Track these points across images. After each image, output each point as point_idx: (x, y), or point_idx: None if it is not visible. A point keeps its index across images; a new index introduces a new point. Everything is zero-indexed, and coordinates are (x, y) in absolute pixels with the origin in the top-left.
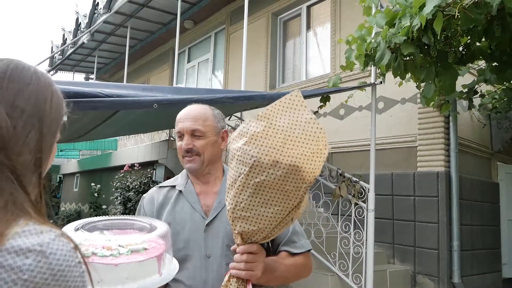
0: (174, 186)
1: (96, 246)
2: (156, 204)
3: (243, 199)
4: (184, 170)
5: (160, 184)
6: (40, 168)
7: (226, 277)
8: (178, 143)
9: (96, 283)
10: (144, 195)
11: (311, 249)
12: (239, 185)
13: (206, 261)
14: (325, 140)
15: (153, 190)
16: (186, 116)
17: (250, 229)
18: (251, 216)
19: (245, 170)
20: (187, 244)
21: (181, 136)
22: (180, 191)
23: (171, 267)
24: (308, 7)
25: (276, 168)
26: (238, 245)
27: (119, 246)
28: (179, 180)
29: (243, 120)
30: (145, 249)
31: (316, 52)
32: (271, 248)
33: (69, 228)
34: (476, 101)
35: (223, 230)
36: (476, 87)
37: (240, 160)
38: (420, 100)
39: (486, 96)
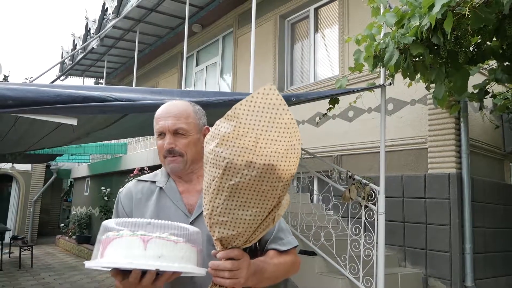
0: (154, 182)
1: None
2: (134, 199)
3: (219, 203)
4: (164, 167)
5: (139, 178)
6: None
7: (209, 286)
8: (159, 142)
9: (157, 258)
10: (121, 189)
11: (297, 245)
12: (214, 189)
13: None
14: (298, 135)
15: (131, 184)
16: (168, 114)
17: (229, 234)
18: (229, 221)
19: (218, 173)
20: None
21: (161, 134)
22: (161, 188)
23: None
24: (316, 9)
25: (250, 169)
26: (218, 251)
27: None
28: (159, 176)
29: None
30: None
31: (324, 54)
32: (258, 247)
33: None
34: (488, 101)
35: (207, 228)
36: (487, 87)
37: (213, 163)
38: (433, 101)
39: (498, 96)
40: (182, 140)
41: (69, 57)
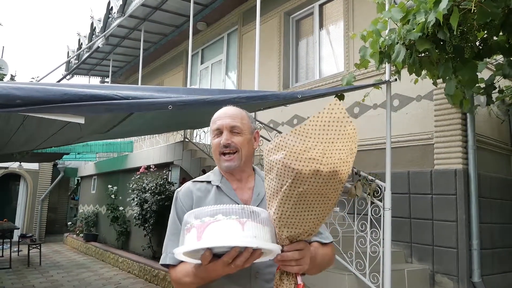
0: (209, 182)
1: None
2: (194, 197)
3: (287, 208)
4: (216, 168)
5: (194, 179)
6: None
7: (277, 275)
8: (215, 140)
9: (253, 238)
10: (178, 189)
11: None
12: (283, 196)
13: None
14: (356, 140)
15: (188, 184)
16: (225, 115)
17: (297, 232)
18: (296, 222)
19: (287, 182)
20: None
21: (219, 133)
22: (218, 187)
23: None
24: (321, 6)
25: (317, 177)
26: (285, 245)
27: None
28: (212, 176)
29: (256, 120)
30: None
31: (329, 51)
32: None
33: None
34: (494, 96)
35: None
36: (495, 82)
37: (280, 173)
38: (446, 99)
39: (505, 91)
40: (237, 137)
41: (75, 56)
